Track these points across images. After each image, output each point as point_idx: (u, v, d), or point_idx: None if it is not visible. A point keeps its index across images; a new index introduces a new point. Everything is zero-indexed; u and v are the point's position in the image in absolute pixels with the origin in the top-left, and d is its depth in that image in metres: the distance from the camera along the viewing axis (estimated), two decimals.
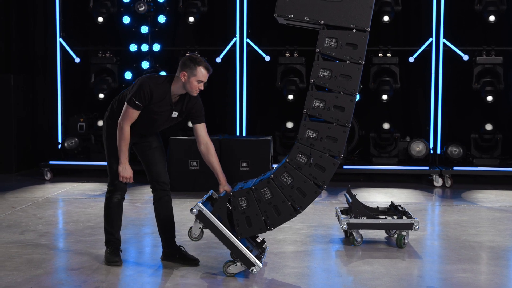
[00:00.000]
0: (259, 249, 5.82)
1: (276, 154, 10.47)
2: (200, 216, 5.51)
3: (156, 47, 10.66)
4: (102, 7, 10.56)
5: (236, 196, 5.53)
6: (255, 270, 5.40)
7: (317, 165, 5.43)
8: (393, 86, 10.38)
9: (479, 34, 10.63)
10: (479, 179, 10.44)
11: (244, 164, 9.27)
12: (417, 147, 10.33)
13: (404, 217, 6.49)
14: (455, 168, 10.05)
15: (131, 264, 5.90)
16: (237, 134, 10.58)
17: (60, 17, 10.79)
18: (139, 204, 8.64)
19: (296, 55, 10.70)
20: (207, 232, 6.96)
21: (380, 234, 6.82)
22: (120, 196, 5.84)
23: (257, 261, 5.42)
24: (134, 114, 5.48)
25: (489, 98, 10.13)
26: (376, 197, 9.07)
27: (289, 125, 10.53)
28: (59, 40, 10.83)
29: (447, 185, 9.94)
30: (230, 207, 5.56)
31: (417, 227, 6.33)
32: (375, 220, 6.42)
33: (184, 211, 8.09)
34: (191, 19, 10.47)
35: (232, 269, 5.49)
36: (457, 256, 6.16)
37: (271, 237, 6.79)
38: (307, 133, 5.48)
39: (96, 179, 10.39)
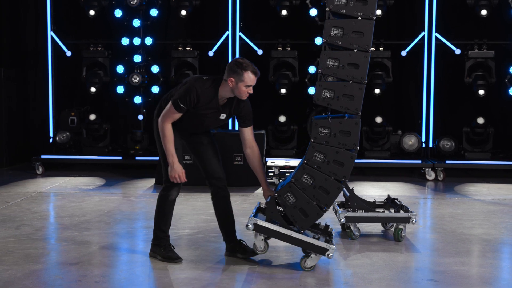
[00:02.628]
0: (326, 234, 5.80)
1: (269, 148, 10.47)
2: (257, 229, 5.49)
3: (148, 41, 10.62)
4: (94, 0, 10.50)
5: (282, 195, 5.52)
6: (331, 253, 5.38)
7: (335, 161, 5.42)
8: (385, 80, 10.40)
9: (471, 28, 10.68)
10: (471, 173, 10.50)
11: (238, 158, 9.26)
12: (410, 141, 10.37)
13: (401, 211, 6.51)
14: (447, 161, 10.10)
15: (132, 258, 5.87)
16: (230, 128, 10.56)
17: (51, 11, 10.73)
18: (133, 198, 8.61)
19: (289, 49, 10.70)
20: (204, 226, 6.98)
21: (377, 228, 6.84)
22: (176, 193, 5.78)
23: (328, 245, 5.40)
24: (176, 115, 5.45)
25: (481, 92, 10.18)
26: (369, 191, 9.09)
27: (282, 119, 10.52)
28: (50, 33, 10.76)
29: (439, 178, 9.99)
30: (281, 209, 5.54)
31: (414, 220, 6.35)
32: (372, 214, 6.43)
33: (179, 205, 8.02)
34: (183, 12, 10.43)
35: (309, 262, 5.46)
36: (454, 249, 6.19)
37: None
38: (320, 130, 5.45)
39: (88, 173, 10.35)
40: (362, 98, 5.40)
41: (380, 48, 10.54)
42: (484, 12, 10.09)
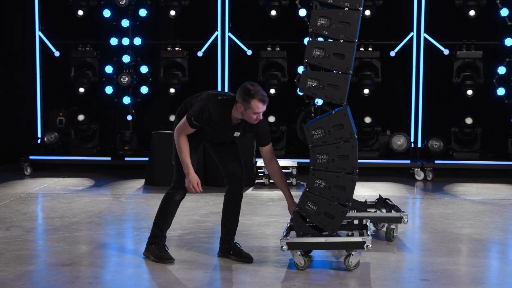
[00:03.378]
0: (360, 229, 5.80)
1: (258, 148, 10.45)
2: (291, 246, 5.46)
3: (137, 41, 10.58)
4: (82, 0, 10.45)
5: (302, 207, 5.53)
6: (369, 245, 5.38)
7: (339, 156, 5.43)
8: (374, 80, 10.43)
9: (459, 29, 10.73)
10: (459, 172, 10.55)
11: None
12: (398, 141, 10.40)
13: (393, 211, 6.53)
14: (436, 161, 10.14)
15: (125, 258, 5.85)
16: None
17: (39, 10, 10.68)
18: (123, 199, 8.58)
19: (278, 49, 10.70)
20: (195, 226, 6.96)
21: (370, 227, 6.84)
22: (183, 194, 5.74)
23: (364, 238, 5.41)
24: (190, 130, 5.48)
25: (469, 92, 10.23)
26: (359, 191, 9.09)
27: (271, 119, 10.52)
28: (38, 33, 10.71)
29: (428, 178, 10.03)
30: (308, 219, 5.56)
31: (406, 220, 6.37)
32: (364, 214, 6.44)
33: None
34: (172, 12, 10.41)
35: (353, 260, 5.46)
36: (446, 248, 6.21)
37: (261, 231, 6.79)
38: (314, 132, 5.46)
39: (77, 174, 10.30)
40: (347, 88, 5.40)
41: (369, 49, 10.57)
42: (472, 12, 10.14)
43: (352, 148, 5.44)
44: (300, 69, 10.50)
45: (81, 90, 10.51)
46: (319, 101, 10.36)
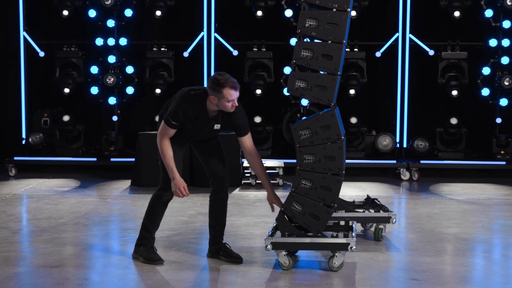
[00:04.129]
0: (345, 230, 5.80)
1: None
2: (276, 246, 5.47)
3: (123, 41, 10.54)
4: (67, 0, 10.39)
5: (288, 207, 5.52)
6: (353, 247, 5.38)
7: (326, 157, 5.43)
8: (360, 80, 10.46)
9: (444, 30, 10.79)
10: (444, 172, 10.60)
11: None
12: (384, 141, 10.44)
13: (381, 211, 6.56)
14: (422, 161, 10.20)
15: (113, 260, 5.83)
16: None
17: (24, 10, 10.60)
18: (110, 200, 8.55)
19: (264, 49, 10.71)
20: (183, 227, 6.95)
21: (356, 228, 6.86)
22: (171, 196, 5.72)
23: (348, 239, 5.41)
24: (171, 131, 5.48)
25: (454, 92, 10.29)
26: (345, 191, 9.11)
27: (257, 119, 10.52)
28: (22, 33, 10.63)
29: (414, 178, 10.08)
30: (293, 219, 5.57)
31: (394, 220, 6.40)
32: (353, 214, 6.46)
33: None
34: (158, 13, 10.38)
35: (336, 261, 5.46)
36: (434, 248, 6.25)
37: (249, 232, 6.79)
38: (301, 133, 5.47)
39: (62, 175, 10.24)
40: (335, 89, 5.42)
41: (355, 49, 10.60)
42: (457, 13, 10.20)
43: (339, 149, 5.45)
44: (287, 70, 10.51)
45: (66, 90, 10.45)
46: (304, 102, 10.37)
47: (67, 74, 10.52)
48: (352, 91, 10.34)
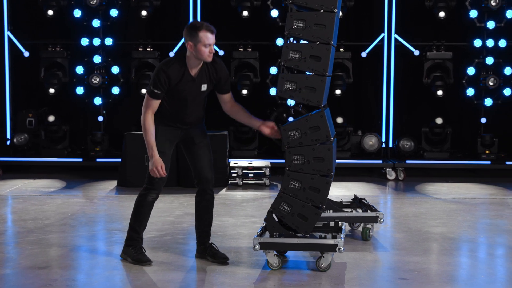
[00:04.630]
0: (334, 231, 5.80)
1: (230, 149, 10.45)
2: (264, 246, 5.47)
3: (108, 41, 10.50)
4: (52, 0, 10.34)
5: (276, 207, 5.52)
6: (341, 248, 5.38)
7: (315, 158, 5.44)
8: (346, 81, 10.49)
9: (429, 30, 10.84)
10: (430, 172, 10.65)
11: None
12: (370, 141, 10.47)
13: (368, 211, 6.58)
14: (407, 161, 10.24)
15: (101, 261, 5.81)
16: None
17: (8, 10, 10.53)
18: (96, 200, 8.51)
19: (250, 49, 10.70)
20: (170, 228, 6.94)
21: (345, 229, 6.88)
22: (156, 195, 5.69)
23: (336, 240, 5.42)
24: (154, 103, 5.43)
25: (439, 92, 10.34)
26: (332, 191, 9.00)
27: None
28: (7, 33, 10.57)
29: (400, 178, 10.11)
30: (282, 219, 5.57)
31: (382, 220, 6.42)
32: (340, 214, 6.47)
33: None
34: (143, 13, 10.34)
35: (324, 262, 5.46)
36: (421, 247, 6.28)
37: (237, 232, 6.79)
38: (290, 133, 5.47)
39: (48, 175, 10.18)
40: (324, 90, 5.42)
41: (341, 49, 10.62)
42: (442, 14, 10.26)
43: (328, 150, 5.46)
44: (273, 70, 10.52)
45: (51, 90, 10.39)
46: (290, 102, 10.37)
47: (52, 74, 10.46)
48: (338, 91, 10.37)
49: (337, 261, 5.75)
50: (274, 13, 10.38)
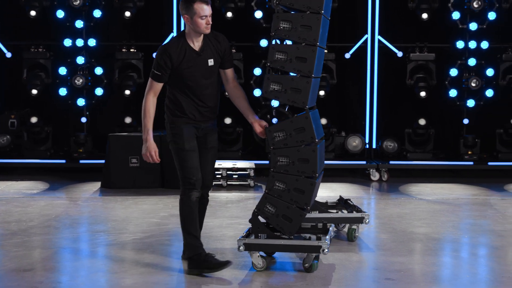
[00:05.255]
0: (320, 233, 5.78)
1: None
2: (248, 247, 5.47)
3: (92, 42, 10.44)
4: (35, 0, 10.27)
5: (261, 208, 5.52)
6: (326, 249, 5.38)
7: (300, 160, 5.44)
8: (329, 82, 10.51)
9: (412, 31, 10.89)
10: (413, 173, 10.70)
11: None
12: (354, 142, 10.50)
13: (354, 211, 6.60)
14: (391, 162, 10.29)
15: (86, 263, 5.78)
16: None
17: None
18: (80, 202, 8.47)
19: (234, 51, 10.64)
20: (156, 229, 6.92)
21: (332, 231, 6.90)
22: (198, 193, 5.49)
23: (320, 241, 5.41)
24: (158, 86, 5.36)
25: (422, 93, 10.39)
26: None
27: (227, 120, 10.51)
28: None
29: (383, 179, 10.15)
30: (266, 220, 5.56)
31: (367, 220, 6.45)
32: (326, 215, 6.49)
33: (128, 208, 8.01)
34: (127, 13, 10.30)
35: (307, 262, 5.47)
36: (406, 248, 6.31)
37: (222, 234, 6.78)
38: (275, 134, 5.47)
39: (31, 177, 10.09)
40: (309, 91, 5.43)
41: (325, 51, 10.61)
42: (425, 15, 10.31)
43: (313, 152, 5.46)
44: (257, 71, 10.52)
45: (34, 92, 10.31)
46: (274, 103, 10.38)
47: (34, 75, 10.39)
48: (321, 92, 10.38)
49: (324, 262, 5.77)
50: (258, 14, 10.38)
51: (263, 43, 10.45)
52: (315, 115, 5.65)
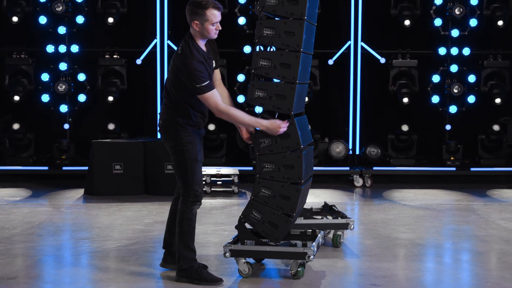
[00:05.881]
0: (308, 239, 5.78)
1: None
2: (234, 253, 5.46)
3: (74, 48, 10.40)
4: (17, 6, 10.21)
5: (247, 215, 5.51)
6: (311, 256, 5.37)
7: (285, 166, 5.44)
8: (313, 88, 10.54)
9: (395, 38, 10.95)
10: (396, 178, 10.74)
11: (169, 166, 9.17)
12: (337, 148, 10.53)
13: (339, 217, 6.61)
14: (374, 168, 10.33)
15: (70, 270, 5.74)
16: (159, 136, 10.46)
17: None
18: (64, 209, 8.41)
19: (218, 57, 10.67)
20: (141, 236, 6.89)
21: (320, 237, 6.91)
22: (200, 204, 5.42)
23: (305, 248, 5.41)
24: (216, 93, 5.21)
25: (405, 100, 10.45)
26: None
27: (211, 127, 10.50)
28: None
29: (367, 184, 10.19)
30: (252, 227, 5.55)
31: (352, 226, 6.46)
32: (311, 221, 6.50)
33: (112, 215, 7.97)
34: (110, 20, 10.27)
35: (292, 269, 5.46)
36: (391, 254, 6.34)
37: (207, 240, 6.77)
38: (261, 141, 5.48)
39: (13, 184, 10.01)
40: (294, 97, 5.45)
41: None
42: (407, 22, 10.37)
43: (298, 158, 5.46)
44: (240, 77, 10.53)
45: (16, 98, 10.24)
46: (259, 110, 10.38)
47: (17, 82, 10.32)
48: (305, 99, 10.39)
49: (308, 268, 5.77)
50: (241, 20, 10.40)
51: (247, 49, 10.47)
52: (302, 121, 5.67)
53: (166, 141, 5.39)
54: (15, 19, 10.18)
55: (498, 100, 10.44)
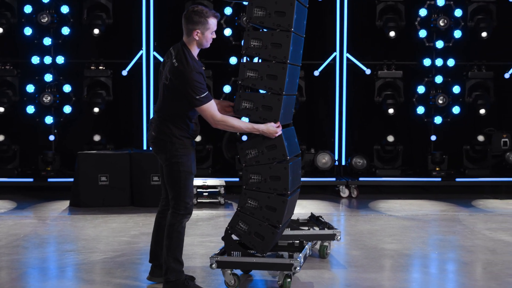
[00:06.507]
0: (295, 250, 5.77)
1: None
2: (221, 265, 5.44)
3: (60, 60, 10.38)
4: (2, 17, 10.19)
5: (233, 226, 5.49)
6: (297, 267, 5.36)
7: (271, 177, 5.44)
8: (299, 99, 10.56)
9: (380, 49, 11.02)
10: (382, 189, 10.78)
11: (155, 178, 9.15)
12: (323, 159, 10.55)
13: (325, 228, 6.62)
14: (360, 178, 10.35)
15: (55, 283, 5.71)
16: (145, 148, 10.45)
17: None
18: (49, 221, 8.36)
19: (204, 68, 10.64)
20: (127, 248, 6.86)
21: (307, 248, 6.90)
22: (189, 217, 5.38)
23: (291, 259, 5.39)
24: (214, 103, 5.23)
25: (391, 110, 10.51)
26: None
27: (197, 138, 10.42)
28: None
29: (353, 195, 10.21)
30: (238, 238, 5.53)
31: (339, 237, 6.47)
32: (298, 232, 6.50)
33: (98, 227, 7.93)
34: (96, 31, 10.26)
35: (280, 280, 5.45)
36: (378, 264, 6.34)
37: (194, 252, 6.75)
38: (247, 152, 5.48)
39: None
40: (281, 108, 5.46)
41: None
42: (392, 33, 10.44)
43: (284, 169, 5.47)
44: (226, 88, 10.54)
45: (1, 109, 10.19)
46: (245, 120, 10.38)
47: (2, 93, 10.28)
48: None
49: (295, 279, 5.77)
50: (227, 31, 10.42)
51: (233, 60, 10.48)
52: (289, 133, 5.68)
53: (159, 152, 5.34)
54: (0, 30, 10.15)
55: (482, 111, 10.53)
